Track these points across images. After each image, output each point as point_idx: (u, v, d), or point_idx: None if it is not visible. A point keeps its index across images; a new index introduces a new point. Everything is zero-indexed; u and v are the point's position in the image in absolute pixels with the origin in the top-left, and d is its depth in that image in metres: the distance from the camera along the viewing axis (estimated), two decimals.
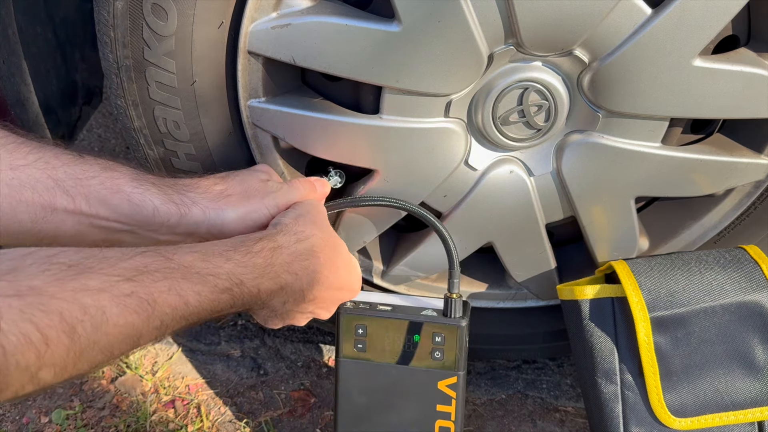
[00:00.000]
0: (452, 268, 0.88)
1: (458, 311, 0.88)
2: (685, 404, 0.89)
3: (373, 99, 0.87)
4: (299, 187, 0.83)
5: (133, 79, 0.82)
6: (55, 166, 0.69)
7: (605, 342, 0.91)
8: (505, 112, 0.87)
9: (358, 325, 0.90)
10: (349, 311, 0.90)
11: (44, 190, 0.68)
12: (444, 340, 0.88)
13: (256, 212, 0.77)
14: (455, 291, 0.89)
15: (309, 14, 0.79)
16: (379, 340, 0.89)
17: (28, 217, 0.67)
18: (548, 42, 0.80)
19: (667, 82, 0.82)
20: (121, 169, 0.74)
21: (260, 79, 0.85)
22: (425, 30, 0.77)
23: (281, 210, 0.79)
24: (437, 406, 0.90)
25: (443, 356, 0.88)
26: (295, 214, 0.77)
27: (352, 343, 0.90)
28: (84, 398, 1.20)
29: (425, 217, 0.88)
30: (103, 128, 1.64)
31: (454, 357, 0.88)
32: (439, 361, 0.89)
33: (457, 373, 0.89)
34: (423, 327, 0.88)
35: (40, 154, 0.69)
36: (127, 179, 0.73)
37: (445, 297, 0.89)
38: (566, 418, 1.20)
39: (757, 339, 0.88)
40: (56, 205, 0.68)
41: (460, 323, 0.87)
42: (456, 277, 0.89)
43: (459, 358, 0.88)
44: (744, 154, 0.93)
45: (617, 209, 0.95)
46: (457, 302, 0.88)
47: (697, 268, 0.90)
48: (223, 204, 0.76)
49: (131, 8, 0.77)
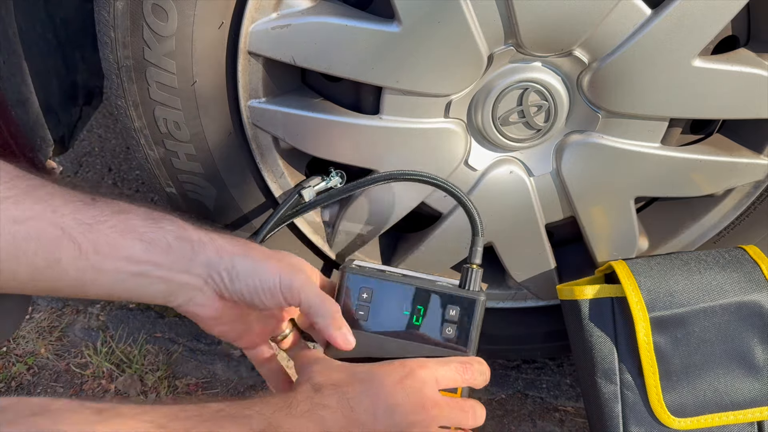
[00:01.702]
0: (476, 235, 0.80)
1: (477, 283, 0.78)
2: (684, 404, 0.89)
3: (373, 99, 0.87)
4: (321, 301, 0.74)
5: (133, 79, 0.82)
6: (63, 214, 0.66)
7: (605, 342, 0.91)
8: (505, 112, 0.87)
9: (363, 288, 0.78)
10: (354, 271, 0.79)
11: (48, 242, 0.65)
12: (458, 314, 0.77)
13: (268, 275, 0.71)
14: (476, 261, 0.79)
15: (309, 15, 0.79)
16: (385, 309, 0.78)
17: (27, 269, 0.65)
18: (548, 42, 0.80)
19: (666, 82, 0.82)
20: (136, 210, 0.70)
21: (260, 80, 0.85)
22: (425, 30, 0.78)
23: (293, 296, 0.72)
24: (440, 392, 0.78)
25: (454, 333, 0.77)
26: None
27: (354, 308, 0.79)
28: (84, 398, 1.20)
29: (436, 181, 0.82)
30: (104, 128, 1.64)
31: (467, 335, 0.77)
32: (449, 338, 0.78)
33: (468, 354, 0.77)
34: (435, 297, 0.78)
35: (48, 202, 0.66)
36: (141, 219, 0.69)
37: (464, 267, 0.79)
38: (566, 417, 1.20)
39: (757, 339, 0.88)
40: (60, 256, 0.65)
41: (479, 296, 0.77)
42: (478, 245, 0.79)
43: (472, 336, 0.77)
44: (743, 154, 0.93)
45: (617, 209, 0.95)
46: (477, 273, 0.79)
47: (697, 268, 0.90)
48: (239, 250, 0.71)
49: (131, 8, 0.77)
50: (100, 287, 0.69)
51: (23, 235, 0.64)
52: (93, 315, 1.35)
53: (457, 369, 0.76)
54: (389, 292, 0.78)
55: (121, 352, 1.28)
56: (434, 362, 0.75)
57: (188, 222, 0.73)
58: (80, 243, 0.66)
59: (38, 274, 0.66)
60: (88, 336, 1.32)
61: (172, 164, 0.90)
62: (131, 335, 1.31)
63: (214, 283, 0.71)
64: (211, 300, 0.72)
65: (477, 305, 0.77)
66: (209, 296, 0.72)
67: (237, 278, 0.71)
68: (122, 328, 1.32)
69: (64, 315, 1.35)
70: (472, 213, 0.80)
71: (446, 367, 0.75)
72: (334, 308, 0.73)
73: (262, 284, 0.71)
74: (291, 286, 0.71)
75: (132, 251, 0.68)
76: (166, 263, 0.69)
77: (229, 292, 0.71)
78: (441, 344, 0.78)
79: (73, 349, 1.30)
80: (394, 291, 0.78)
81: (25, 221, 0.64)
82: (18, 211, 0.64)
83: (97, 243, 0.66)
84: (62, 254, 0.65)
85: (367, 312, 0.78)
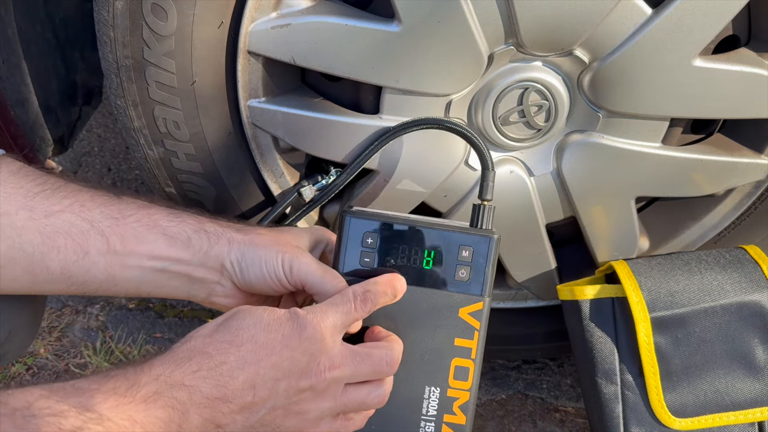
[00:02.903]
0: (486, 169, 0.76)
1: (489, 221, 0.74)
2: (685, 404, 0.89)
3: (373, 99, 0.87)
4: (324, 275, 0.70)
5: (132, 79, 0.82)
6: (91, 208, 0.67)
7: (605, 342, 0.91)
8: (506, 112, 0.87)
9: (367, 233, 0.72)
10: (356, 215, 0.73)
11: (78, 234, 0.66)
12: (471, 255, 0.72)
13: (271, 261, 0.70)
14: (487, 196, 0.76)
15: (309, 14, 0.79)
16: (392, 254, 0.72)
17: (59, 264, 0.66)
18: (548, 42, 0.80)
19: (667, 82, 0.82)
20: (158, 206, 0.72)
21: (260, 79, 0.84)
22: (425, 30, 0.77)
23: (295, 280, 0.70)
24: (455, 340, 0.73)
25: (468, 276, 0.72)
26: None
27: (358, 255, 0.72)
28: None
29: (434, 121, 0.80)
30: (103, 128, 1.64)
31: (482, 277, 0.72)
32: (463, 281, 0.72)
33: (483, 297, 0.72)
34: (446, 238, 0.72)
35: (76, 197, 0.68)
36: (164, 214, 0.71)
37: (474, 205, 0.75)
38: (566, 418, 1.20)
39: (758, 339, 0.88)
40: (89, 248, 0.67)
41: (492, 235, 0.72)
42: (489, 180, 0.76)
43: (487, 278, 0.72)
44: (744, 154, 0.93)
45: (617, 209, 0.95)
46: (489, 210, 0.74)
47: (698, 269, 0.90)
48: (247, 238, 0.71)
49: (131, 8, 0.77)
50: (128, 282, 0.69)
51: (54, 228, 0.65)
52: (92, 315, 1.35)
53: (352, 308, 0.67)
54: (396, 236, 0.72)
55: (121, 353, 1.28)
56: (325, 306, 0.66)
57: (206, 215, 0.73)
58: (108, 236, 0.67)
59: (69, 268, 0.66)
60: (87, 336, 1.31)
61: (172, 164, 0.90)
62: (131, 335, 1.31)
63: (229, 274, 0.71)
64: (232, 291, 0.72)
65: (492, 244, 0.71)
66: (229, 288, 0.72)
67: (246, 268, 0.70)
68: (122, 328, 1.32)
69: (63, 315, 1.35)
70: (479, 146, 0.77)
71: (338, 308, 0.66)
72: (338, 287, 0.69)
73: (268, 271, 0.70)
74: (291, 270, 0.70)
75: (155, 246, 0.69)
76: (185, 258, 0.70)
77: (240, 282, 0.71)
78: (454, 287, 0.72)
79: (72, 349, 1.29)
80: (401, 234, 0.72)
81: (55, 214, 0.66)
82: (48, 204, 0.66)
83: (124, 236, 0.68)
84: (90, 246, 0.67)
85: (373, 259, 0.72)
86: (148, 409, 0.55)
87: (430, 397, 0.73)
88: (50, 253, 0.66)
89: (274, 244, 0.71)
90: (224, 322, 0.63)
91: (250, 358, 0.60)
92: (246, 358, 0.60)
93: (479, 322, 0.72)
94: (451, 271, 0.72)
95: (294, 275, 0.70)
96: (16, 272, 0.66)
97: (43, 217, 0.65)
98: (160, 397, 0.56)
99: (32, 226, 0.65)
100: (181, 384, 0.57)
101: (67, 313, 1.35)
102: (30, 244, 0.65)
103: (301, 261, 0.70)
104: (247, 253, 0.70)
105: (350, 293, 0.67)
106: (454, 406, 0.74)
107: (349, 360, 0.65)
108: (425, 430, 0.74)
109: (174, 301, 1.37)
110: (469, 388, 0.73)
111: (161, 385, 0.56)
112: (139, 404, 0.55)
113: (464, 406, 0.74)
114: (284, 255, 0.70)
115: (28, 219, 0.65)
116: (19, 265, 0.65)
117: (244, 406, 0.60)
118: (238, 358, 0.60)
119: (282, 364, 0.61)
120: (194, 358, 0.59)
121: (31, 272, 0.66)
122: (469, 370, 0.73)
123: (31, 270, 0.66)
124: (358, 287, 0.68)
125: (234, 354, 0.60)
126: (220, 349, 0.60)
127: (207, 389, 0.58)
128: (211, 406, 0.58)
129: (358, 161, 0.85)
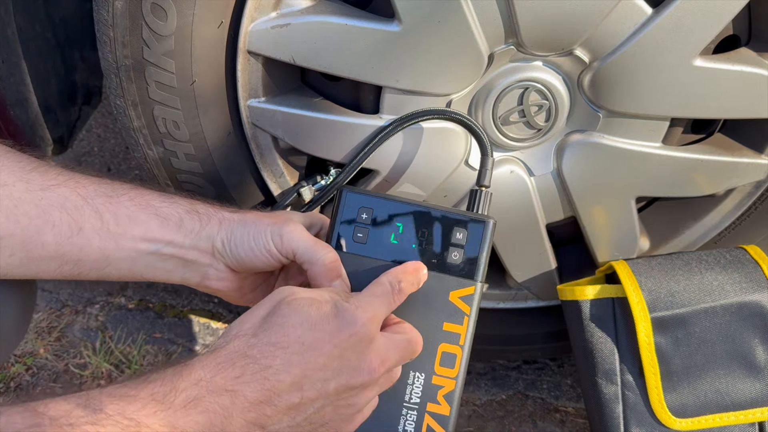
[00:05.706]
0: (484, 155, 0.77)
1: (486, 206, 0.75)
2: (685, 405, 0.89)
3: (373, 99, 0.86)
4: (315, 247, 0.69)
5: (132, 78, 0.82)
6: (85, 185, 0.68)
7: (606, 342, 0.91)
8: (506, 112, 0.87)
9: (363, 208, 0.72)
10: (353, 190, 0.73)
11: (73, 209, 0.67)
12: (466, 238, 0.71)
13: (259, 234, 0.69)
14: (485, 182, 0.76)
15: (309, 14, 0.79)
16: (386, 231, 0.72)
17: (53, 239, 0.66)
18: (549, 42, 0.80)
19: (667, 82, 0.82)
20: (150, 188, 0.72)
21: (260, 79, 0.84)
22: (425, 30, 0.77)
23: (285, 250, 0.69)
24: (444, 324, 0.71)
25: (461, 259, 0.71)
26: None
27: (352, 231, 0.72)
28: None
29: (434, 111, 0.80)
30: (103, 128, 1.64)
31: (475, 261, 0.71)
32: (455, 264, 0.72)
33: (475, 282, 0.71)
34: (442, 219, 0.72)
35: (71, 174, 0.69)
36: (156, 194, 0.71)
37: (472, 190, 0.76)
38: (567, 418, 1.20)
39: (758, 339, 0.88)
40: (83, 224, 0.67)
41: (488, 219, 0.72)
42: (488, 166, 0.77)
43: (480, 263, 0.71)
44: (745, 154, 0.93)
45: (618, 209, 0.95)
46: (486, 195, 0.75)
47: (698, 269, 0.90)
48: (237, 217, 0.71)
49: (131, 8, 0.77)
50: (121, 263, 0.69)
51: (49, 202, 0.66)
52: (92, 315, 1.35)
53: (391, 297, 0.66)
54: (391, 213, 0.72)
55: (121, 353, 1.28)
56: (369, 297, 0.65)
57: (198, 197, 0.73)
58: (102, 213, 0.68)
59: (63, 245, 0.66)
60: (87, 336, 1.31)
61: (171, 164, 0.90)
62: (130, 335, 1.31)
63: (220, 255, 0.70)
64: (225, 273, 0.71)
65: (487, 228, 0.72)
66: (222, 270, 0.71)
67: (236, 246, 0.69)
68: (121, 328, 1.32)
69: (63, 315, 1.35)
70: (478, 133, 0.77)
71: (381, 299, 0.65)
72: (328, 256, 0.68)
73: (257, 244, 0.69)
74: (282, 239, 0.68)
75: (147, 226, 0.69)
76: (177, 240, 0.69)
77: (231, 261, 0.70)
78: (446, 270, 0.72)
79: (72, 349, 1.29)
80: (397, 212, 0.72)
81: (51, 188, 0.66)
82: (44, 179, 0.67)
83: (117, 214, 0.68)
84: (84, 222, 0.67)
85: (366, 234, 0.72)
86: (188, 414, 0.54)
87: (414, 383, 0.71)
88: (45, 227, 0.66)
89: (264, 217, 0.71)
90: (267, 318, 0.61)
91: (296, 360, 0.59)
92: (292, 361, 0.59)
93: (470, 307, 0.71)
94: (444, 253, 0.72)
95: (284, 244, 0.68)
96: (14, 245, 0.65)
97: (39, 190, 0.66)
98: (200, 402, 0.55)
99: (29, 198, 0.65)
100: (223, 389, 0.56)
101: (66, 313, 1.35)
102: (26, 216, 0.65)
103: (291, 229, 0.69)
104: (236, 230, 0.70)
105: (388, 283, 0.67)
106: (439, 395, 0.71)
107: (393, 350, 0.65)
108: (407, 418, 0.71)
109: (174, 300, 1.37)
110: (456, 377, 0.71)
111: (201, 390, 0.56)
112: (178, 410, 0.54)
113: (449, 396, 0.71)
114: (273, 226, 0.69)
115: (24, 191, 0.65)
116: (16, 237, 0.65)
117: (291, 407, 0.59)
118: (284, 361, 0.59)
119: (331, 364, 0.60)
120: (237, 362, 0.58)
121: (26, 248, 0.66)
122: (457, 357, 0.71)
123: (26, 245, 0.66)
124: (391, 276, 0.68)
125: (280, 357, 0.59)
126: (264, 352, 0.59)
127: (251, 393, 0.57)
128: (256, 409, 0.57)
129: (358, 159, 0.85)
